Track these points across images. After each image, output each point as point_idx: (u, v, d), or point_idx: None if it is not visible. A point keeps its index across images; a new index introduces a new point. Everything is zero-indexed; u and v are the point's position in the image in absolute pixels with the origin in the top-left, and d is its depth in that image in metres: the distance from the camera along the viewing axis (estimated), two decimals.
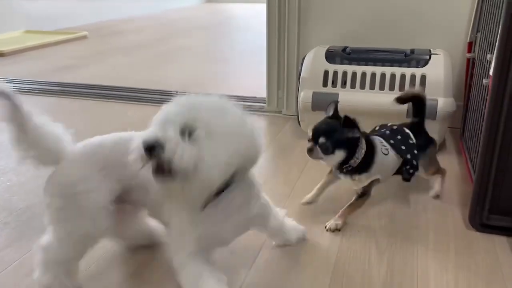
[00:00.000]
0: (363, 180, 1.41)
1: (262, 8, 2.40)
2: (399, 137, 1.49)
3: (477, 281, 1.17)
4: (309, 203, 1.52)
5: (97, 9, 6.24)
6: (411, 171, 1.46)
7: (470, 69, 1.89)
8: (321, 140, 1.33)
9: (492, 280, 1.17)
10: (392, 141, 1.47)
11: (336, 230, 1.37)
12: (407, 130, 1.51)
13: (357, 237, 1.37)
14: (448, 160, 1.77)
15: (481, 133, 1.38)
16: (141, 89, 2.91)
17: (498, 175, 1.32)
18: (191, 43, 4.73)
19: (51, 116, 1.16)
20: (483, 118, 1.43)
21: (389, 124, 1.55)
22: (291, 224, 1.33)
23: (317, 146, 1.34)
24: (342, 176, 1.45)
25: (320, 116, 1.94)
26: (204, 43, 4.83)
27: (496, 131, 1.29)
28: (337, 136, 1.33)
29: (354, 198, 1.44)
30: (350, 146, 1.35)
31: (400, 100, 1.54)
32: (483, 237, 1.36)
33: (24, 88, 2.95)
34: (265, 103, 2.50)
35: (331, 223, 1.39)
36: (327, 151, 1.33)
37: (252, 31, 5.38)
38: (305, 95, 1.97)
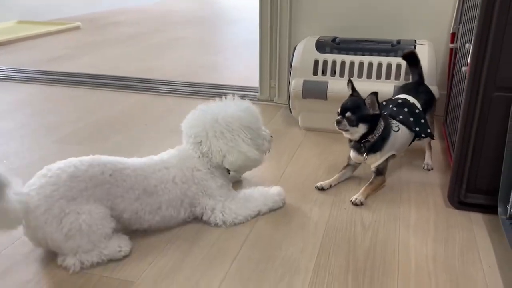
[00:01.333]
0: (378, 157, 1.59)
1: (255, 0, 2.48)
2: (405, 109, 1.66)
3: (454, 254, 1.27)
4: (321, 189, 1.62)
5: (90, 1, 6.25)
6: (423, 136, 1.68)
7: (453, 59, 1.98)
8: (348, 114, 1.54)
9: (467, 252, 1.27)
10: (400, 117, 1.65)
11: (360, 204, 1.51)
12: (412, 100, 1.69)
13: (343, 214, 1.46)
14: (432, 146, 1.87)
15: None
16: (134, 78, 2.97)
17: (475, 156, 1.42)
18: (184, 34, 4.78)
19: (44, 104, 1.22)
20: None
21: (393, 98, 1.73)
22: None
23: (344, 119, 1.55)
24: (354, 156, 1.62)
25: (310, 104, 2.05)
26: (197, 35, 4.88)
27: (473, 115, 1.38)
28: (361, 111, 1.53)
29: (372, 177, 1.60)
30: (372, 122, 1.55)
31: (404, 57, 1.85)
32: (461, 214, 1.46)
33: (17, 77, 3.00)
34: (257, 92, 2.58)
35: (355, 198, 1.52)
36: (352, 123, 1.54)
37: (244, 24, 5.44)
38: (296, 83, 2.06)
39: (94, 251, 1.19)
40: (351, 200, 1.52)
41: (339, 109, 1.57)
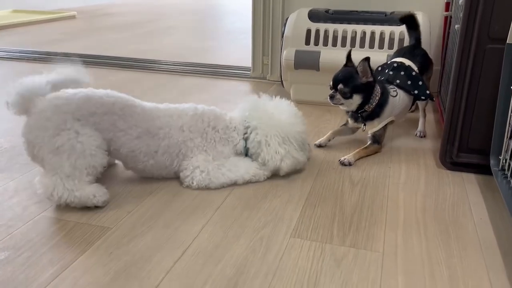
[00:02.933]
0: (376, 124, 1.55)
1: None
2: (402, 73, 1.61)
3: (444, 206, 1.22)
4: (319, 146, 1.60)
5: None
6: (423, 98, 1.63)
7: (448, 28, 1.95)
8: (340, 86, 1.49)
9: (458, 205, 1.23)
10: (398, 81, 1.60)
11: (348, 165, 1.47)
12: (408, 63, 1.63)
13: (332, 172, 1.42)
14: (427, 118, 1.83)
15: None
16: (127, 57, 2.94)
17: (467, 113, 1.38)
18: (178, 23, 4.76)
19: None
20: None
21: (389, 62, 1.68)
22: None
23: (337, 93, 1.50)
24: (354, 124, 1.59)
25: (302, 75, 2.02)
26: (192, 24, 4.86)
27: (466, 69, 1.34)
28: (354, 81, 1.49)
29: (368, 142, 1.56)
30: (366, 91, 1.50)
31: (402, 20, 1.79)
32: (453, 174, 1.42)
33: (13, 56, 2.97)
34: (249, 71, 2.54)
35: (344, 158, 1.48)
36: (346, 95, 1.49)
37: (237, 15, 5.42)
38: (288, 53, 2.02)
39: (69, 183, 1.16)
40: (339, 160, 1.48)
41: (331, 82, 1.53)
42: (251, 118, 1.38)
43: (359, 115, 1.55)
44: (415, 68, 1.63)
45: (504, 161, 1.21)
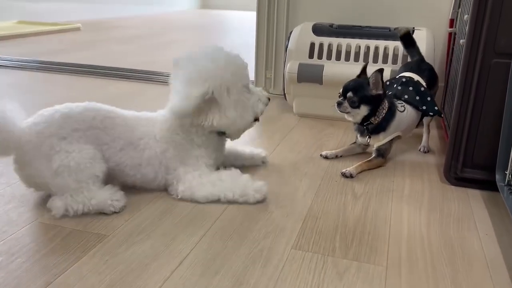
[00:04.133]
0: (381, 138, 1.54)
1: (253, 15, 2.45)
2: (410, 88, 1.60)
3: (448, 221, 1.20)
4: (326, 157, 1.59)
5: (91, 7, 6.30)
6: (431, 114, 1.61)
7: (452, 45, 1.95)
8: (349, 94, 1.48)
9: (463, 221, 1.20)
10: (406, 96, 1.59)
11: (349, 177, 1.44)
12: (416, 78, 1.62)
13: (334, 185, 1.39)
14: (430, 134, 1.81)
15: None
16: (129, 68, 2.94)
17: (472, 128, 1.36)
18: (183, 37, 4.79)
19: (39, 86, 1.21)
20: None
21: (397, 76, 1.67)
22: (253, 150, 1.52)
23: (346, 101, 1.49)
24: (360, 139, 1.58)
25: (305, 88, 2.01)
26: (197, 38, 4.89)
27: (471, 83, 1.33)
28: (364, 92, 1.47)
29: (373, 156, 1.54)
30: (374, 103, 1.49)
31: (401, 37, 1.79)
32: (457, 190, 1.39)
33: (17, 65, 2.97)
34: (252, 83, 2.53)
35: (347, 170, 1.45)
36: (354, 104, 1.48)
37: (242, 31, 5.46)
38: (291, 66, 2.01)
39: (80, 196, 1.14)
40: (342, 172, 1.45)
41: (341, 90, 1.53)
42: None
43: (364, 127, 1.54)
44: (424, 84, 1.62)
45: (510, 176, 1.19)
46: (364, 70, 1.54)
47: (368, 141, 1.55)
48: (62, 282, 0.91)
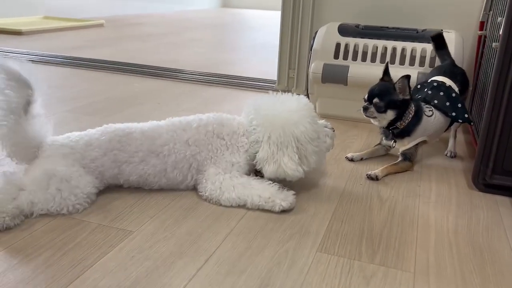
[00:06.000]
0: (405, 143, 1.52)
1: (275, 14, 2.44)
2: (441, 93, 1.57)
3: (477, 229, 1.17)
4: (351, 160, 1.57)
5: (114, 4, 6.36)
6: (460, 121, 1.58)
7: (481, 48, 1.90)
8: (376, 100, 1.47)
9: (492, 229, 1.17)
10: (435, 101, 1.56)
11: (375, 179, 1.43)
12: (448, 83, 1.59)
13: (359, 188, 1.38)
14: (457, 138, 1.78)
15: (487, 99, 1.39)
16: (152, 65, 2.96)
17: (503, 134, 1.33)
18: (204, 36, 4.80)
19: (62, 81, 1.22)
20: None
21: (429, 80, 1.64)
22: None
23: (372, 105, 1.47)
24: (385, 142, 1.56)
25: (330, 89, 1.99)
26: (217, 37, 4.90)
27: (503, 88, 1.30)
28: (390, 97, 1.46)
29: (399, 159, 1.52)
30: (401, 108, 1.47)
31: (433, 38, 1.78)
32: (486, 196, 1.36)
33: (40, 59, 3.01)
34: (274, 84, 2.53)
35: (373, 172, 1.44)
36: (380, 109, 1.47)
37: (264, 31, 5.45)
38: (315, 66, 2.00)
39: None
40: (367, 174, 1.43)
41: (366, 95, 1.51)
42: (255, 119, 1.30)
43: (390, 131, 1.52)
44: (456, 89, 1.59)
45: None
46: (386, 71, 1.51)
47: (394, 145, 1.53)
48: (89, 276, 0.91)
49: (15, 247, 1.00)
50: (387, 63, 1.53)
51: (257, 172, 1.33)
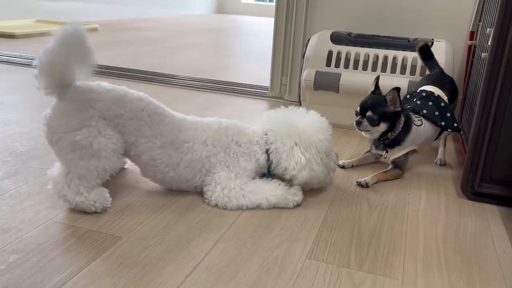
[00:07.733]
0: (395, 152, 1.53)
1: (270, 21, 2.46)
2: (430, 103, 1.58)
3: (465, 237, 1.18)
4: (342, 167, 1.58)
5: (108, 8, 6.36)
6: (449, 130, 1.60)
7: (471, 57, 1.93)
8: (369, 113, 1.48)
9: (480, 237, 1.19)
10: (424, 111, 1.57)
11: (365, 186, 1.44)
12: (437, 92, 1.61)
13: (349, 195, 1.38)
14: (447, 147, 1.80)
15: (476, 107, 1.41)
16: (147, 71, 2.96)
17: (492, 143, 1.35)
18: (200, 41, 4.81)
19: None
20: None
21: (418, 90, 1.66)
22: None
23: (365, 119, 1.48)
24: (375, 151, 1.57)
25: (322, 96, 2.00)
26: (213, 42, 4.91)
27: (491, 99, 1.31)
28: (382, 109, 1.47)
29: (390, 167, 1.53)
30: (393, 119, 1.49)
31: (420, 49, 1.78)
32: (474, 205, 1.37)
33: (31, 62, 3.00)
34: (267, 90, 2.54)
35: (363, 180, 1.45)
36: (374, 123, 1.48)
37: (258, 37, 5.47)
38: (308, 74, 2.01)
39: (76, 185, 1.16)
40: (357, 181, 1.44)
41: (358, 108, 1.52)
42: (272, 130, 1.34)
43: (381, 142, 1.53)
44: (445, 98, 1.61)
45: None
46: (377, 84, 1.53)
47: (386, 155, 1.54)
48: (77, 282, 0.91)
49: (1, 252, 0.99)
50: (378, 76, 1.54)
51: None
